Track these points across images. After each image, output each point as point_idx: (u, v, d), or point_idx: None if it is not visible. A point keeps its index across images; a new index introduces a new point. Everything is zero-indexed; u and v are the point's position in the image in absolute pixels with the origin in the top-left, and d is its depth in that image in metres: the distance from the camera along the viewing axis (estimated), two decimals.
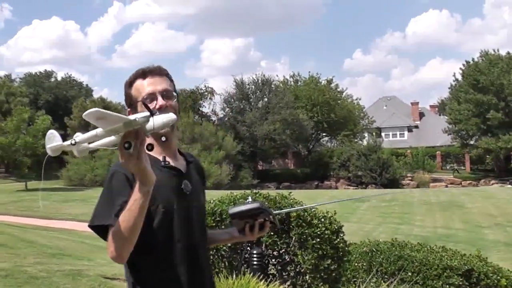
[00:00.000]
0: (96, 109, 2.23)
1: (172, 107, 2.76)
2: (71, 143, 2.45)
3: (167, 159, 2.78)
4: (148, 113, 2.29)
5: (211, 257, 7.06)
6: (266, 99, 62.46)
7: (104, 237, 2.54)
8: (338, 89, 69.65)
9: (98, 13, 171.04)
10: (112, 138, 2.39)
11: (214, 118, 64.09)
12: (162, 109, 2.68)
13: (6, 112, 56.22)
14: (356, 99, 71.74)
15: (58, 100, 73.99)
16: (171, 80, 2.91)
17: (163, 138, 2.70)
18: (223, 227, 6.79)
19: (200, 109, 64.32)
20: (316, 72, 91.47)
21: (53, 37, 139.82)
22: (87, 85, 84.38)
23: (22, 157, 44.60)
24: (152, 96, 2.74)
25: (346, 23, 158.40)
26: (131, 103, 2.82)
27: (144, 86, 2.79)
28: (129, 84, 2.86)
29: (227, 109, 63.98)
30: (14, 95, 63.55)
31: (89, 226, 2.60)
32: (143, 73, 2.83)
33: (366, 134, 69.45)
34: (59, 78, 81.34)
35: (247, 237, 3.04)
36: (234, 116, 61.77)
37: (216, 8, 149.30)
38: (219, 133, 54.41)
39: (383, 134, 75.87)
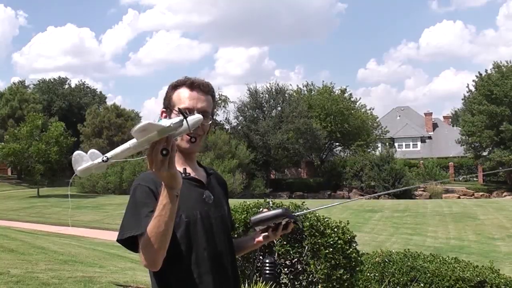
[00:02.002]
0: (148, 122, 2.19)
1: (203, 128, 2.81)
2: (102, 161, 2.39)
3: (188, 170, 2.80)
4: (181, 118, 2.28)
5: None
6: (279, 108, 62.34)
7: (134, 249, 2.56)
8: (352, 99, 69.57)
9: (113, 21, 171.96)
10: (127, 146, 2.36)
11: (227, 126, 64.11)
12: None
13: (19, 119, 56.46)
14: (370, 109, 71.59)
15: (72, 107, 74.32)
16: (213, 98, 2.95)
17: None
18: (235, 235, 6.77)
19: (214, 117, 64.25)
20: (330, 81, 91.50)
21: (67, 44, 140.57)
22: (100, 92, 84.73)
23: (35, 164, 44.70)
24: (188, 111, 2.69)
25: (360, 33, 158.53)
26: (168, 106, 2.84)
27: (187, 98, 2.81)
28: (174, 87, 2.87)
29: (241, 117, 63.93)
30: (28, 102, 63.80)
31: (118, 240, 2.61)
32: (191, 84, 2.84)
33: (379, 144, 69.28)
34: (72, 85, 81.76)
35: (270, 238, 3.04)
36: (247, 125, 61.73)
37: (231, 17, 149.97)
38: (232, 141, 54.43)
39: (396, 144, 75.65)
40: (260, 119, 61.79)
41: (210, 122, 2.88)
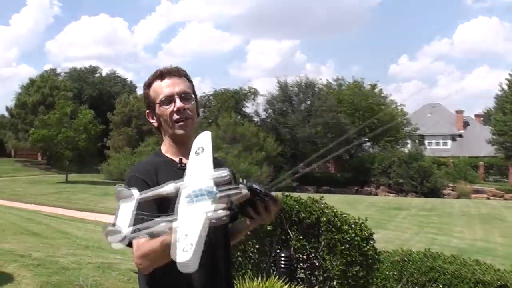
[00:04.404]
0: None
1: (190, 110, 2.72)
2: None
3: (184, 160, 2.70)
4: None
5: (238, 259, 7.01)
6: (309, 102, 62.21)
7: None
8: (382, 94, 69.04)
9: (146, 12, 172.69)
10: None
11: (256, 119, 64.08)
12: (180, 112, 2.67)
13: (49, 106, 56.94)
14: (400, 105, 70.85)
15: (102, 95, 74.63)
16: (190, 82, 2.85)
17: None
18: None
19: (243, 109, 64.42)
20: (361, 76, 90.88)
21: (100, 33, 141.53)
22: (131, 81, 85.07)
23: (64, 150, 45.19)
24: (170, 99, 2.71)
25: (393, 28, 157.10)
26: (150, 105, 2.80)
27: (162, 88, 2.74)
28: (148, 85, 2.82)
29: (270, 110, 63.94)
30: (59, 89, 64.17)
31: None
32: (161, 74, 2.78)
33: (408, 141, 68.62)
34: (103, 74, 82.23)
35: (257, 220, 2.64)
36: (276, 118, 61.67)
37: (263, 9, 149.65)
38: (260, 134, 54.33)
39: (426, 141, 74.91)
40: (289, 112, 61.68)
41: (193, 102, 2.76)
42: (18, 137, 60.33)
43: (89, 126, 45.79)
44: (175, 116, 2.67)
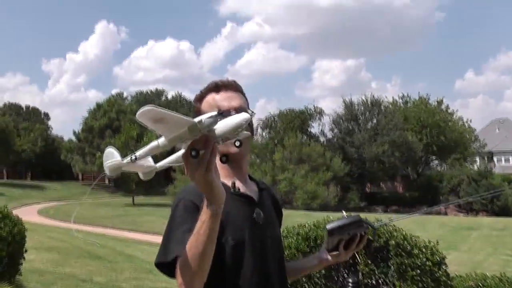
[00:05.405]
0: (151, 107, 1.81)
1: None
2: (131, 159, 2.22)
3: (237, 184, 2.47)
4: (215, 113, 1.93)
5: (304, 285, 6.74)
6: (375, 120, 61.78)
7: (170, 274, 2.20)
8: (449, 111, 67.88)
9: (211, 34, 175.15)
10: (181, 152, 2.09)
11: (322, 138, 63.93)
12: None
13: (116, 129, 57.91)
14: (467, 121, 69.52)
15: None
16: (245, 98, 2.63)
17: (223, 159, 2.32)
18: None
19: (309, 129, 64.33)
20: (426, 92, 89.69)
21: (166, 57, 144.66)
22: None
23: (130, 173, 45.75)
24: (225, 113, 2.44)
25: (458, 43, 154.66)
26: None
27: (217, 102, 2.51)
28: (199, 99, 2.62)
29: (336, 130, 63.77)
30: (125, 113, 65.32)
31: (158, 263, 2.27)
32: (216, 87, 2.58)
33: (477, 158, 67.19)
34: (169, 97, 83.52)
35: (340, 257, 2.72)
36: (342, 137, 61.50)
37: (328, 29, 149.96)
38: (327, 154, 54.07)
39: (495, 158, 73.22)
40: (355, 131, 61.38)
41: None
42: (85, 161, 61.50)
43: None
44: None
